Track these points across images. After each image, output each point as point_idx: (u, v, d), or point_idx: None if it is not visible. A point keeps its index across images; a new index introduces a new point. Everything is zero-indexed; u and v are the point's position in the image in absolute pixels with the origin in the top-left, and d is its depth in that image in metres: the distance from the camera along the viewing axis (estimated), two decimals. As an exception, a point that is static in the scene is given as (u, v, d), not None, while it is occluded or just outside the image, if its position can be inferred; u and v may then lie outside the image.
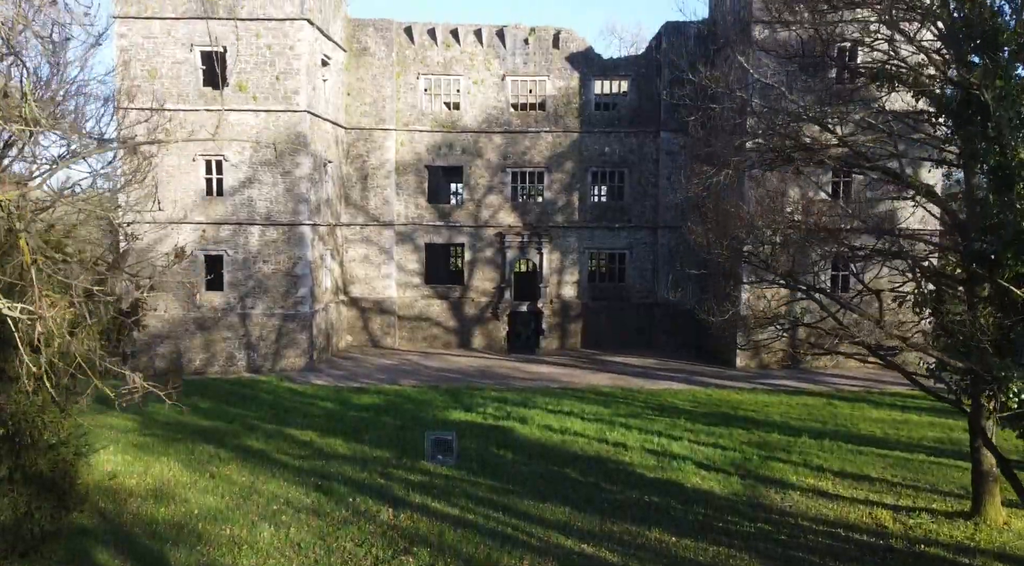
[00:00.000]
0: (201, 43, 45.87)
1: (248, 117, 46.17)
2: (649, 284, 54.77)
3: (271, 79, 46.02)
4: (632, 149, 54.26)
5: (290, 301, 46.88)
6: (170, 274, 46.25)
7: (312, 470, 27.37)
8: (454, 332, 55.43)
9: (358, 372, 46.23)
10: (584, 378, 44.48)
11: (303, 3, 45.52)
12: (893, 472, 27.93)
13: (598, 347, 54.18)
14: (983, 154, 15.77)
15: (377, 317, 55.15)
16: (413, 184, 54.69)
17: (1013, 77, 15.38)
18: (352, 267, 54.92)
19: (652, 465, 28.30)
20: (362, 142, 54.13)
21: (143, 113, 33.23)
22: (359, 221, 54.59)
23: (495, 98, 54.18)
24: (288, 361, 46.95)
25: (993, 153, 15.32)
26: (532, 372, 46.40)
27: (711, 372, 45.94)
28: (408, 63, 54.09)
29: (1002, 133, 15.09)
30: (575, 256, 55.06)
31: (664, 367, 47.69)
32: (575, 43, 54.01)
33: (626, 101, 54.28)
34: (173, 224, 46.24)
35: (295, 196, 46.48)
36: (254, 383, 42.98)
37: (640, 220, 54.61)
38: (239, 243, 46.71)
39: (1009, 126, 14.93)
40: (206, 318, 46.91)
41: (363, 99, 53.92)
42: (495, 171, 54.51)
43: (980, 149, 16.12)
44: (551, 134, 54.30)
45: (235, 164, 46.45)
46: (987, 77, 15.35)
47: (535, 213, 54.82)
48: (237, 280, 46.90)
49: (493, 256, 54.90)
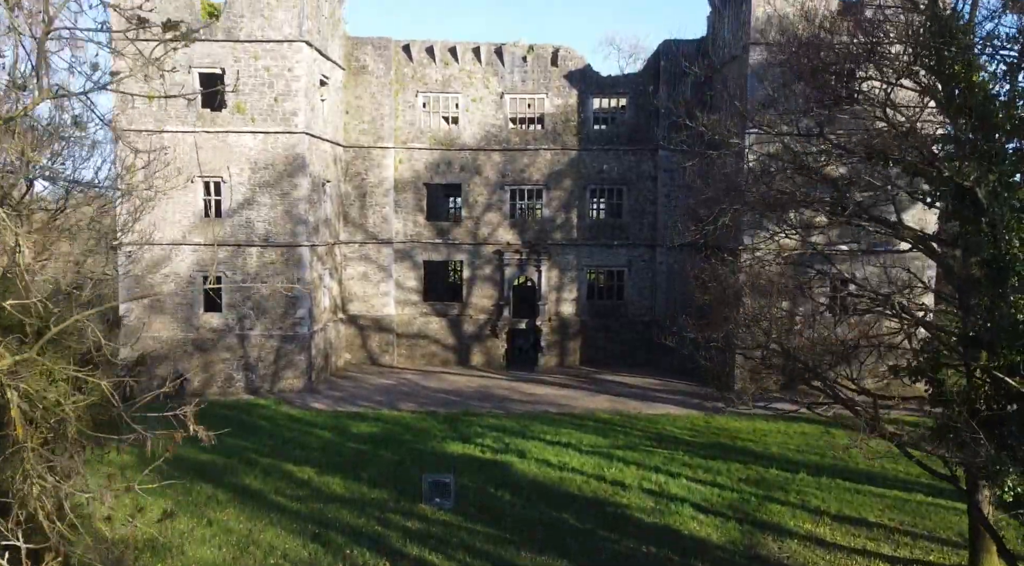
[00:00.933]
0: (200, 65, 45.76)
1: (247, 138, 46.12)
2: (648, 301, 54.76)
3: (269, 101, 45.93)
4: (630, 167, 54.21)
5: (288, 322, 46.89)
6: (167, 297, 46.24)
7: (310, 515, 27.40)
8: (453, 349, 55.44)
9: (357, 394, 46.26)
10: (582, 401, 44.50)
11: (301, 25, 45.43)
12: (891, 515, 27.97)
13: (596, 365, 54.20)
14: (978, 247, 15.79)
15: (376, 335, 55.17)
16: (412, 201, 54.65)
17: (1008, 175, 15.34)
18: (351, 285, 54.92)
19: (650, 508, 28.33)
20: (361, 160, 54.08)
21: (141, 158, 33.36)
22: (358, 239, 54.57)
23: (493, 116, 54.11)
24: (287, 382, 46.96)
25: (988, 244, 15.33)
26: (531, 394, 46.41)
27: (709, 393, 45.74)
28: (406, 81, 54.01)
29: (996, 227, 15.09)
30: (574, 273, 55.06)
31: (663, 388, 47.72)
32: (573, 61, 53.92)
33: (624, 119, 54.21)
34: (172, 245, 46.27)
35: (293, 217, 46.45)
36: (253, 407, 43.00)
37: (639, 238, 54.58)
38: (238, 264, 46.68)
39: (1003, 221, 14.94)
40: (205, 339, 46.93)
41: (361, 117, 53.85)
42: (494, 188, 54.47)
43: (974, 242, 16.14)
44: (550, 151, 54.24)
45: (233, 185, 46.40)
46: (981, 173, 15.35)
47: (534, 230, 54.79)
48: (236, 301, 46.90)
49: (492, 273, 54.89)
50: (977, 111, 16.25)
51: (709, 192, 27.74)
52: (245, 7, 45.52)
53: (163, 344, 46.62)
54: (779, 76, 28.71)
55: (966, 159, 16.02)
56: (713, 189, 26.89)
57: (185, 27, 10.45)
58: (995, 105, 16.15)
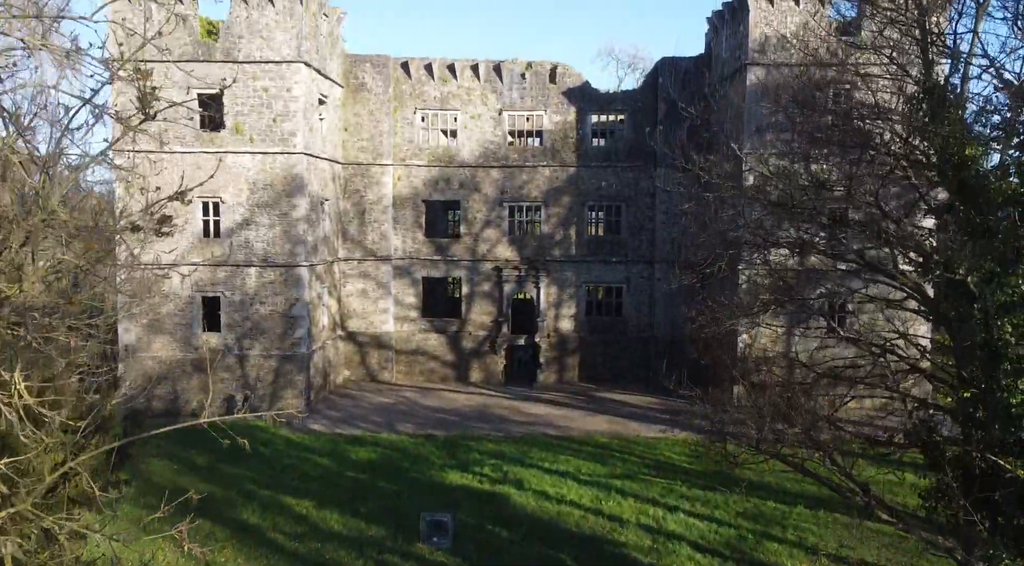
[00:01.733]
0: (198, 86, 45.74)
1: (245, 159, 46.16)
2: (647, 318, 54.83)
3: (268, 121, 45.94)
4: (629, 184, 54.24)
5: (287, 342, 46.97)
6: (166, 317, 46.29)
7: (307, 556, 27.49)
8: (451, 366, 55.54)
9: (355, 414, 46.37)
10: (581, 422, 44.59)
11: (300, 46, 45.43)
12: (889, 554, 28.08)
13: (596, 381, 54.33)
14: (970, 332, 15.87)
15: (374, 351, 55.26)
16: (410, 218, 54.70)
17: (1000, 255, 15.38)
18: (349, 301, 54.99)
19: (647, 547, 28.44)
20: (359, 177, 54.12)
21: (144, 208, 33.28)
22: (356, 256, 54.64)
23: (492, 132, 54.12)
24: (286, 402, 47.01)
25: (980, 329, 15.41)
26: (529, 414, 46.50)
27: (708, 412, 45.81)
28: (405, 98, 54.00)
29: (988, 314, 15.17)
30: (572, 289, 55.13)
31: (662, 407, 47.67)
32: (571, 78, 53.89)
33: (623, 136, 54.21)
34: (170, 265, 46.26)
35: (292, 238, 46.50)
36: (251, 429, 43.05)
37: (637, 254, 54.65)
38: (236, 284, 46.75)
39: (995, 308, 15.01)
40: (203, 359, 46.98)
41: (360, 134, 53.87)
42: (492, 205, 54.51)
43: (965, 327, 16.22)
44: (548, 168, 54.27)
45: (232, 206, 46.44)
46: (972, 262, 15.41)
47: (532, 247, 54.84)
48: (234, 321, 46.98)
49: (491, 290, 54.96)
50: (970, 183, 16.30)
51: (703, 237, 27.84)
52: (244, 28, 45.52)
53: (163, 364, 46.76)
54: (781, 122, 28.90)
55: (959, 246, 16.08)
56: (708, 237, 26.96)
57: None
58: (990, 177, 16.20)
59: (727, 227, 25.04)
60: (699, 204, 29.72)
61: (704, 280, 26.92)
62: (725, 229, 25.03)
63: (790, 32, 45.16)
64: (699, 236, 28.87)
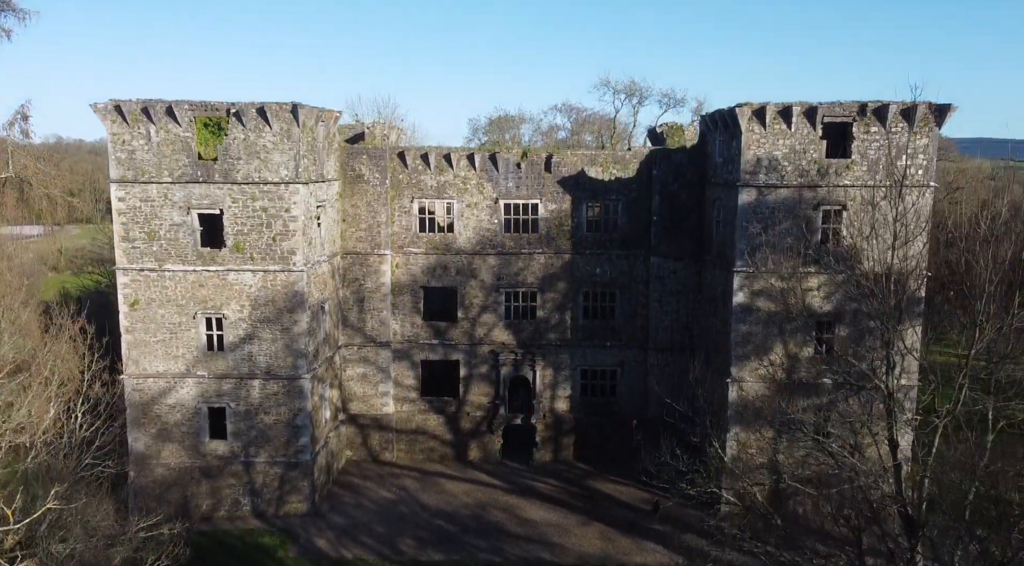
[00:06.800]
0: (198, 206, 46.54)
1: (246, 276, 47.20)
2: (639, 400, 56.38)
3: (267, 240, 46.81)
4: (623, 271, 55.28)
5: (292, 449, 48.66)
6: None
7: None
8: (450, 444, 57.33)
9: (358, 520, 48.29)
10: (574, 538, 46.32)
11: (297, 167, 46.05)
12: None
13: (590, 461, 56.20)
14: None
15: (375, 433, 57.02)
16: (409, 304, 55.87)
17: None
18: (350, 385, 56.50)
19: None
20: (358, 266, 55.13)
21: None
22: (356, 342, 55.98)
23: (489, 220, 54.92)
24: (291, 506, 48.98)
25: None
26: (526, 520, 48.33)
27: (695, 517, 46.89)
28: (402, 187, 54.65)
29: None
30: (567, 372, 56.61)
31: (651, 502, 49.19)
32: (567, 167, 54.43)
33: (617, 224, 54.98)
34: (176, 377, 47.79)
35: (294, 351, 47.82)
36: (258, 545, 45.08)
37: (631, 339, 55.97)
38: (241, 395, 48.24)
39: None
40: (211, 466, 48.79)
41: (358, 224, 54.71)
42: (489, 291, 55.63)
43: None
44: (544, 255, 55.22)
45: (235, 321, 47.63)
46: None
47: (528, 331, 56.12)
48: (240, 430, 48.59)
49: (488, 372, 56.43)
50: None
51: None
52: (242, 150, 46.07)
53: (172, 471, 48.56)
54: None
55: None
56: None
57: None
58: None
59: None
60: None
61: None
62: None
63: (782, 154, 45.86)
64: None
